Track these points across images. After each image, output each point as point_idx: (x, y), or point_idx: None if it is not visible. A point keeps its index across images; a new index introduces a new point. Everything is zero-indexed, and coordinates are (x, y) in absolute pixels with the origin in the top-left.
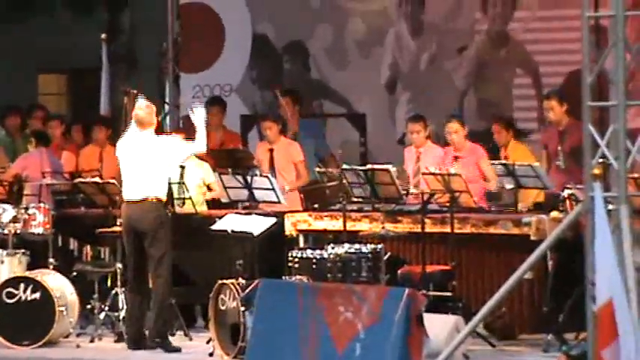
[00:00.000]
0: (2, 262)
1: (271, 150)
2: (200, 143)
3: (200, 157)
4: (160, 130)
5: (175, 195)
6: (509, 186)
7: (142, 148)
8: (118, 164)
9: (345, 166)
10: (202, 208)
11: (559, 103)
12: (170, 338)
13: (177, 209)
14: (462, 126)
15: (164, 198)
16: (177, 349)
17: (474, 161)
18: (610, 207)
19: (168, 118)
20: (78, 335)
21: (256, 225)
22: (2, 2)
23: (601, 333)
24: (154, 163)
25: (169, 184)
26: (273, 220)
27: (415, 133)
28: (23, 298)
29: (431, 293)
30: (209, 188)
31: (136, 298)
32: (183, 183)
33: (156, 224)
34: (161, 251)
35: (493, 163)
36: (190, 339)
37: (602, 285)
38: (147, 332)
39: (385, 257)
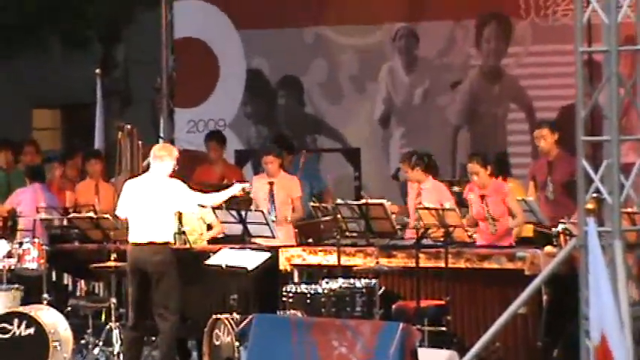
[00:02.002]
0: None
1: (271, 183)
2: (209, 199)
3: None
4: None
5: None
6: None
7: (151, 191)
8: (113, 199)
9: (339, 201)
10: (202, 244)
11: (550, 132)
12: None
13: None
14: (484, 166)
15: (171, 240)
16: None
17: (500, 199)
18: (604, 241)
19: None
20: None
21: (251, 260)
22: None
23: None
24: (161, 207)
25: None
26: (267, 254)
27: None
28: (17, 333)
29: (425, 328)
30: (209, 227)
31: (135, 336)
32: (180, 219)
33: (162, 267)
34: (168, 294)
35: None
36: None
37: (596, 320)
38: None
39: (379, 292)
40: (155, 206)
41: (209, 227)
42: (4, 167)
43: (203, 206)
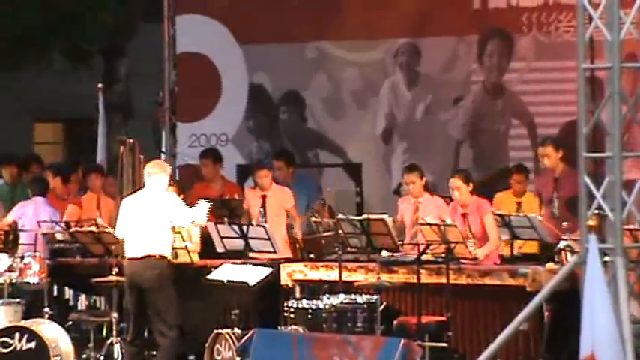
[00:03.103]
0: None
1: (264, 197)
2: (202, 216)
3: None
4: None
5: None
6: (504, 237)
7: (147, 206)
8: (114, 212)
9: (340, 216)
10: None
11: (554, 150)
12: None
13: (173, 259)
14: (466, 182)
15: (167, 255)
16: None
17: (479, 217)
18: (606, 258)
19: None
20: None
21: (252, 275)
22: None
23: None
24: (157, 221)
25: None
26: (268, 270)
27: (411, 184)
28: (18, 347)
29: (426, 344)
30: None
31: (135, 351)
32: (179, 233)
33: (159, 281)
34: (165, 309)
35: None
36: None
37: (587, 336)
38: None
39: (381, 307)
40: (151, 220)
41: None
42: (8, 182)
43: (196, 223)
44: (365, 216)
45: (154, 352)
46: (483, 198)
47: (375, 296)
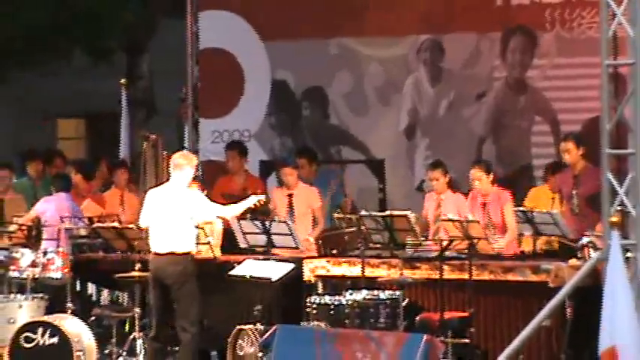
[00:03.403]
0: (20, 306)
1: (290, 195)
2: (229, 212)
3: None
4: None
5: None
6: (527, 233)
7: (171, 201)
8: (138, 209)
9: (363, 212)
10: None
11: (575, 146)
12: None
13: (196, 255)
14: (487, 173)
15: (192, 251)
16: None
17: (499, 207)
18: (628, 254)
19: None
20: None
21: (275, 271)
22: (22, 48)
23: None
24: (182, 217)
25: None
26: (291, 265)
27: (435, 180)
28: (41, 342)
29: (449, 340)
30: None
31: (157, 347)
32: (202, 228)
33: (182, 278)
34: (188, 305)
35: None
36: None
37: (607, 331)
38: None
39: (403, 303)
40: (175, 217)
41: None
42: (33, 177)
43: (222, 218)
44: (388, 212)
45: (177, 348)
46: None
47: (397, 292)
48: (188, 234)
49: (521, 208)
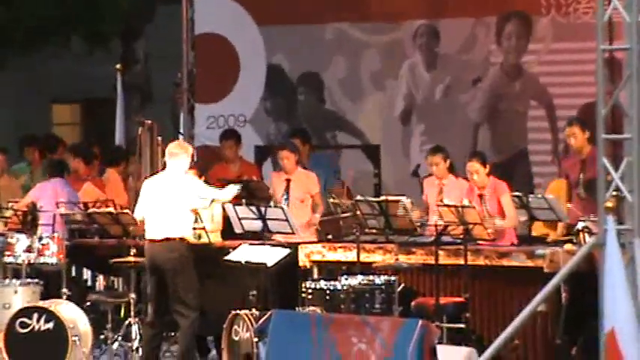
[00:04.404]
0: (16, 291)
1: (288, 180)
2: (226, 195)
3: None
4: None
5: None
6: (522, 218)
7: (167, 188)
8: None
9: (358, 198)
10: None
11: (581, 130)
12: None
13: (192, 240)
14: (483, 165)
15: (188, 237)
16: None
17: (495, 197)
18: (624, 240)
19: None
20: None
21: (270, 256)
22: (17, 33)
23: (607, 358)
24: (177, 203)
25: None
26: (286, 251)
27: (435, 165)
28: (36, 328)
29: (444, 325)
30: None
31: (154, 333)
32: (198, 214)
33: (179, 264)
34: (185, 291)
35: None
36: None
37: (609, 313)
38: None
39: (399, 289)
40: (171, 203)
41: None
42: (30, 163)
43: (217, 201)
44: (383, 197)
45: (172, 333)
46: (501, 180)
47: (393, 277)
48: (184, 220)
49: (516, 193)
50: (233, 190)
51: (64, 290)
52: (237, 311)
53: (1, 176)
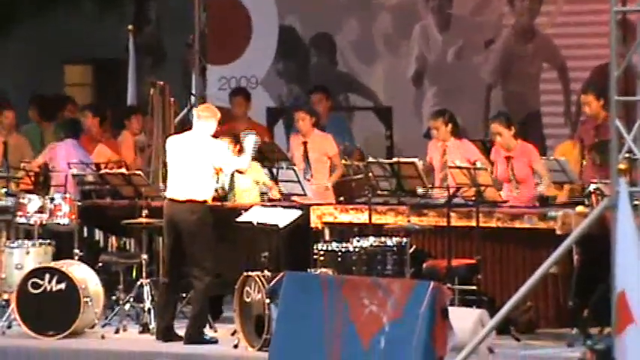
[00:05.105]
0: (28, 252)
1: (305, 143)
2: (244, 161)
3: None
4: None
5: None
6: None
7: (192, 149)
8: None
9: (371, 160)
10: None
11: (596, 98)
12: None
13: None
14: (507, 126)
15: (209, 200)
16: (214, 341)
17: (525, 162)
18: (636, 202)
19: (194, 110)
20: (103, 326)
21: (282, 217)
22: None
23: (617, 320)
24: (201, 165)
25: None
26: (298, 212)
27: (435, 130)
28: (48, 288)
29: (456, 287)
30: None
31: (168, 293)
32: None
33: (198, 226)
34: (202, 254)
35: None
36: (215, 331)
37: (619, 276)
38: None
39: (410, 251)
40: (196, 164)
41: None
42: (39, 122)
43: (240, 171)
44: (395, 159)
45: (184, 294)
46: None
47: (404, 239)
48: (207, 182)
49: None
50: (251, 141)
51: (76, 251)
52: (249, 273)
53: (10, 134)
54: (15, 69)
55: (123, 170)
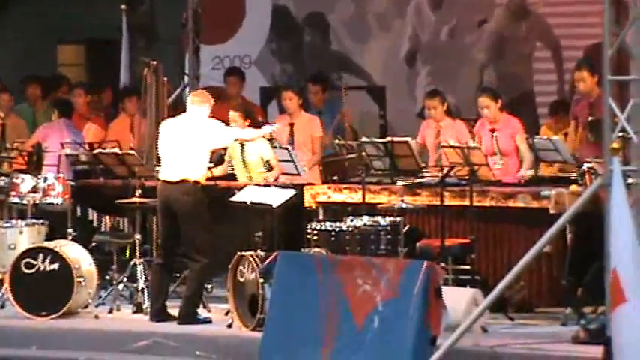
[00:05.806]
0: (21, 232)
1: (291, 125)
2: (247, 133)
3: None
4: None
5: None
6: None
7: (185, 131)
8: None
9: (364, 139)
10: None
11: (590, 74)
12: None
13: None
14: (494, 99)
15: (202, 180)
16: (208, 321)
17: (509, 134)
18: (629, 180)
19: (187, 89)
20: (96, 306)
21: (275, 197)
22: None
23: (610, 298)
24: (194, 146)
25: None
26: (292, 192)
27: (432, 109)
28: (42, 268)
29: (449, 266)
30: (269, 166)
31: (162, 273)
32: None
33: (193, 207)
34: (197, 235)
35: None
36: (209, 310)
37: (612, 255)
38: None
39: (404, 230)
40: (189, 144)
41: (269, 166)
42: (32, 102)
43: (240, 140)
44: (388, 138)
45: (178, 274)
46: None
47: (398, 218)
48: (201, 163)
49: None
50: (259, 131)
51: (70, 231)
52: (243, 252)
53: (8, 116)
54: (9, 49)
55: (116, 150)
